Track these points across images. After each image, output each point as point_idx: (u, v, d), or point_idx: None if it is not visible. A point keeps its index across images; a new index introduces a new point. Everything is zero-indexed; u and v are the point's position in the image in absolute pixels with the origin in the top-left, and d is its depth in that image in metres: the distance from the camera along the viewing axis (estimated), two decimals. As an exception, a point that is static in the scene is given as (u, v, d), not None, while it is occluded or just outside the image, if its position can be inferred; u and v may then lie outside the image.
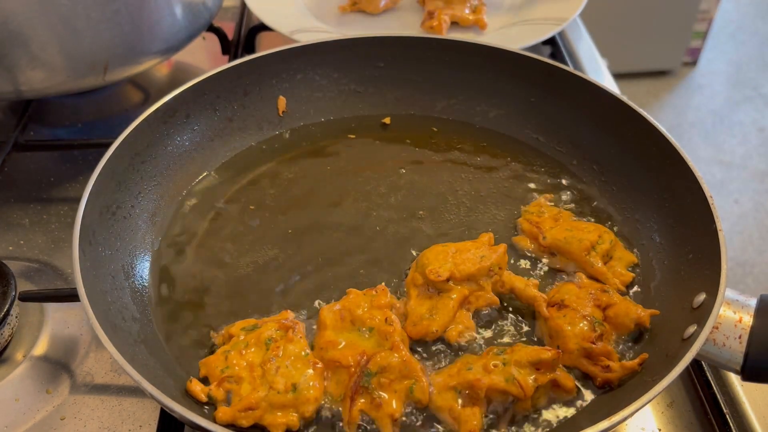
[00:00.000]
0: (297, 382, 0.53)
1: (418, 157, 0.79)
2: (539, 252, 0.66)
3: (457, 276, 0.60)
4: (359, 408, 0.53)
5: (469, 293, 0.60)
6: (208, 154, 0.76)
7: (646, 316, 0.58)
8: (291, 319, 0.59)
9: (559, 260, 0.65)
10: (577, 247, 0.63)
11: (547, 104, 0.78)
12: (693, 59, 3.03)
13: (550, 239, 0.65)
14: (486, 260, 0.61)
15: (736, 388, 0.62)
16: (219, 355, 0.56)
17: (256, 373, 0.54)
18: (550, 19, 1.00)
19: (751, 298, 0.55)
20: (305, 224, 0.70)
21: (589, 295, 0.59)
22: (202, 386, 0.55)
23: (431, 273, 0.59)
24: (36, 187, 0.82)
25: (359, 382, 0.53)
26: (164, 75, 1.03)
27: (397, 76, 0.83)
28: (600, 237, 0.64)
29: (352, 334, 0.57)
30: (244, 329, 0.58)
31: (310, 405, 0.53)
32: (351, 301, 0.59)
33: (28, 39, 0.72)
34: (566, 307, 0.58)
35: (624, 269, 0.64)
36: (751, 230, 2.33)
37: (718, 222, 0.59)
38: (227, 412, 0.52)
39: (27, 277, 0.71)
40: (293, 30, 0.97)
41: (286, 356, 0.55)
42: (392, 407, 0.52)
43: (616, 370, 0.55)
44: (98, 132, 0.92)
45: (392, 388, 0.53)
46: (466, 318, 0.60)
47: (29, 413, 0.60)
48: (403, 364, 0.54)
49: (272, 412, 0.53)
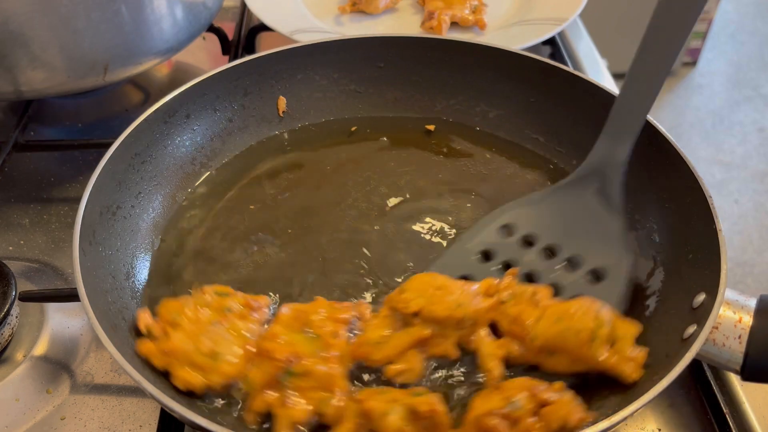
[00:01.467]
0: (220, 353, 0.54)
1: (418, 158, 0.79)
2: (529, 356, 0.54)
3: (425, 315, 0.55)
4: (266, 400, 0.52)
5: (430, 336, 0.55)
6: (208, 154, 0.76)
7: (577, 422, 0.49)
8: (261, 303, 0.60)
9: (556, 360, 0.53)
10: (575, 342, 0.52)
11: (547, 104, 0.78)
12: (693, 59, 3.03)
13: (540, 339, 0.53)
14: (460, 311, 0.55)
15: (736, 388, 0.62)
16: (179, 302, 0.58)
17: (196, 328, 0.56)
18: (550, 19, 1.00)
19: (750, 298, 0.55)
20: (306, 225, 0.70)
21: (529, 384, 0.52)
22: (150, 320, 0.57)
23: (400, 302, 0.56)
24: (36, 187, 0.83)
25: (278, 377, 0.53)
26: (164, 75, 1.03)
27: (397, 76, 0.83)
28: (596, 319, 0.53)
29: (298, 335, 0.56)
30: (217, 293, 0.59)
31: (220, 378, 0.53)
32: (312, 306, 0.58)
33: (28, 39, 0.72)
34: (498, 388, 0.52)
35: (632, 346, 0.54)
36: (751, 230, 2.33)
37: (718, 222, 0.59)
38: (147, 346, 0.55)
39: (27, 277, 0.71)
40: (293, 30, 0.97)
41: (230, 328, 0.56)
42: (297, 412, 0.51)
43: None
44: (98, 132, 0.92)
45: (307, 395, 0.52)
46: (415, 359, 0.55)
47: (29, 413, 0.60)
48: (326, 376, 0.52)
49: (182, 366, 0.54)
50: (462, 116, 0.82)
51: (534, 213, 0.63)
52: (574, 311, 0.53)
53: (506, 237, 0.63)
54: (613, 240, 0.61)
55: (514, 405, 0.49)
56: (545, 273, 0.61)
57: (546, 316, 0.54)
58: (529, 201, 0.64)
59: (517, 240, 0.62)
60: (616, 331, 0.54)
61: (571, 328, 0.52)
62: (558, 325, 0.53)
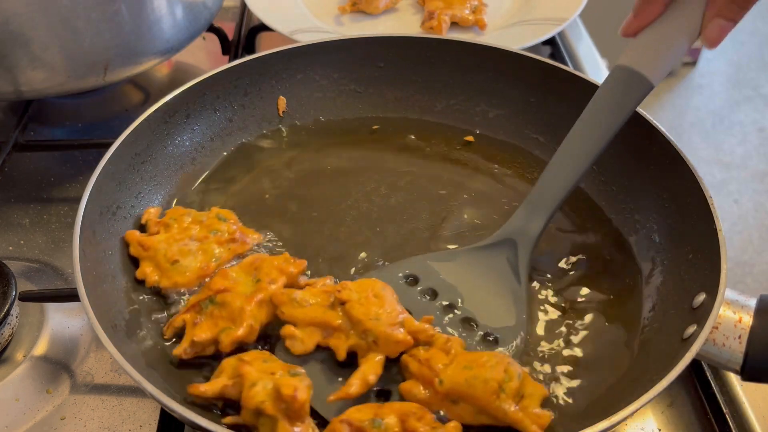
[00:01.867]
0: (179, 262, 0.61)
1: (418, 158, 0.79)
2: (434, 401, 0.52)
3: (347, 309, 0.55)
4: (183, 318, 0.57)
5: (336, 326, 0.55)
6: (208, 154, 0.76)
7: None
8: (249, 239, 0.65)
9: (461, 409, 0.52)
10: (483, 390, 0.51)
11: (547, 104, 0.78)
12: (693, 59, 3.03)
13: (448, 383, 0.52)
14: (371, 323, 0.54)
15: (736, 388, 0.62)
16: (184, 210, 0.66)
17: (177, 236, 0.63)
18: (550, 19, 1.00)
19: (750, 298, 0.56)
20: (306, 225, 0.70)
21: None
22: (153, 216, 0.66)
23: (339, 285, 0.57)
24: (36, 187, 0.83)
25: (201, 301, 0.58)
26: (164, 75, 1.03)
27: (397, 76, 0.83)
28: (506, 372, 0.51)
29: (245, 276, 0.60)
30: (218, 216, 0.66)
31: (169, 283, 0.61)
32: (270, 258, 0.62)
33: (28, 39, 0.72)
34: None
35: (538, 406, 0.52)
36: (751, 230, 2.33)
37: (718, 222, 0.59)
38: (133, 234, 0.64)
39: (27, 277, 0.71)
40: (293, 30, 0.97)
41: (202, 247, 0.63)
42: (200, 332, 0.56)
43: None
44: (98, 132, 0.92)
45: (214, 322, 0.57)
46: (312, 337, 0.55)
47: (29, 413, 0.60)
48: (238, 311, 0.56)
49: (148, 262, 0.62)
50: (462, 116, 0.82)
51: (441, 269, 0.63)
52: (485, 361, 0.52)
53: (410, 286, 0.62)
54: (512, 309, 0.60)
55: (377, 422, 0.49)
56: (447, 327, 0.59)
57: (456, 362, 0.53)
58: (437, 257, 0.64)
59: (419, 291, 0.61)
60: (525, 388, 0.52)
61: (479, 377, 0.51)
62: (467, 372, 0.52)
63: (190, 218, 0.65)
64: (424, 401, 0.52)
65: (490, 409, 0.51)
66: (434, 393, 0.52)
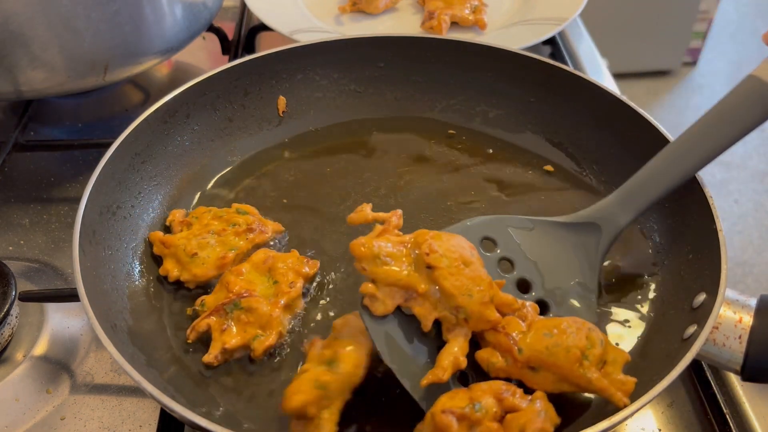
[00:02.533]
0: (198, 255, 0.63)
1: (417, 159, 0.79)
2: (512, 370, 0.51)
3: (435, 276, 0.51)
4: (209, 322, 0.58)
5: (422, 293, 0.52)
6: (208, 154, 0.76)
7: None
8: (266, 229, 0.66)
9: (541, 377, 0.51)
10: (565, 358, 0.50)
11: (547, 104, 0.78)
12: (693, 59, 3.03)
13: (527, 351, 0.50)
14: (464, 300, 0.51)
15: (736, 388, 0.62)
16: (206, 209, 0.68)
17: (197, 232, 0.65)
18: (550, 19, 1.00)
19: (751, 298, 0.55)
20: (306, 225, 0.70)
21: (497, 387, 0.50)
22: (178, 217, 0.68)
23: (427, 247, 0.52)
24: (36, 187, 0.82)
25: (225, 305, 0.58)
26: (164, 75, 1.03)
27: (397, 76, 0.83)
28: (588, 339, 0.51)
29: (260, 276, 0.61)
30: (238, 210, 0.67)
31: (188, 277, 0.62)
32: (282, 256, 0.63)
33: (28, 39, 0.72)
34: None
35: (620, 373, 0.51)
36: (751, 230, 2.33)
37: (718, 222, 0.59)
38: (157, 234, 0.66)
39: (27, 277, 0.71)
40: (293, 30, 0.97)
41: (220, 241, 0.64)
42: (230, 338, 0.57)
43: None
44: (98, 132, 0.92)
45: (243, 328, 0.58)
46: (393, 300, 0.52)
47: (29, 413, 0.60)
48: (266, 317, 0.58)
49: (170, 258, 0.64)
50: (462, 116, 0.82)
51: (519, 238, 0.60)
52: (565, 327, 0.51)
53: (487, 251, 0.59)
54: (585, 299, 0.58)
55: (476, 407, 0.47)
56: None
57: (534, 329, 0.51)
58: (518, 222, 0.61)
59: (495, 259, 0.58)
60: (607, 354, 0.51)
61: (561, 344, 0.50)
62: (547, 340, 0.50)
63: (211, 215, 0.67)
64: (502, 370, 0.51)
65: (572, 378, 0.50)
66: (513, 361, 0.51)
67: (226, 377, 0.57)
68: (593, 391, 0.50)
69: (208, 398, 0.56)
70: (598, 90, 0.74)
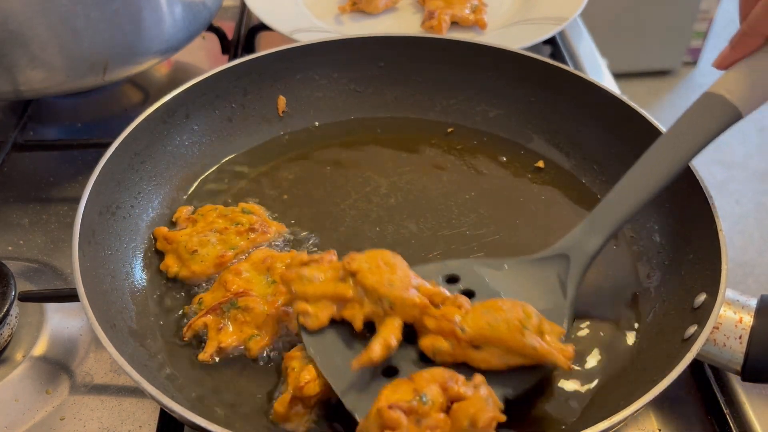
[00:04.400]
0: (199, 254, 0.63)
1: (418, 158, 0.79)
2: (457, 352, 0.52)
3: (359, 278, 0.54)
4: (204, 321, 0.59)
5: (349, 297, 0.54)
6: (207, 154, 0.76)
7: (486, 422, 0.46)
8: (269, 229, 0.67)
9: (487, 354, 0.51)
10: (507, 330, 0.51)
11: (547, 104, 0.78)
12: (693, 59, 3.03)
13: (470, 329, 0.51)
14: (386, 289, 0.53)
15: (736, 388, 0.62)
16: (211, 207, 0.69)
17: (200, 229, 0.66)
18: (550, 19, 1.00)
19: (751, 298, 0.55)
20: (305, 226, 0.70)
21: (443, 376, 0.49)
22: (185, 214, 0.69)
23: (347, 257, 0.55)
24: (36, 187, 0.82)
25: (222, 304, 0.59)
26: (164, 75, 1.03)
27: (397, 76, 0.83)
28: (524, 311, 0.52)
29: (259, 275, 0.61)
30: (243, 209, 0.68)
31: (186, 273, 0.63)
32: (281, 256, 0.63)
33: (27, 39, 0.72)
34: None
35: (558, 342, 0.52)
36: (752, 230, 2.33)
37: (719, 222, 0.59)
38: (161, 230, 0.67)
39: (27, 277, 0.71)
40: (293, 30, 0.97)
41: (221, 239, 0.65)
42: (226, 338, 0.58)
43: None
44: (98, 132, 0.92)
45: (239, 327, 0.58)
46: (326, 311, 0.55)
47: (29, 413, 0.60)
48: (263, 317, 0.58)
49: (172, 254, 0.65)
50: (462, 116, 0.82)
51: (484, 273, 0.60)
52: (501, 305, 0.53)
53: (450, 284, 0.59)
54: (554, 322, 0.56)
55: (423, 398, 0.46)
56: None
57: (473, 311, 0.53)
58: (484, 263, 0.61)
59: (456, 290, 0.58)
60: (543, 326, 0.52)
61: (500, 318, 0.51)
62: (487, 316, 0.52)
63: (216, 213, 0.68)
64: (447, 353, 0.52)
65: (517, 348, 0.51)
66: (457, 343, 0.52)
67: (223, 374, 0.57)
68: (538, 358, 0.51)
69: (206, 396, 0.56)
70: (598, 90, 0.74)
